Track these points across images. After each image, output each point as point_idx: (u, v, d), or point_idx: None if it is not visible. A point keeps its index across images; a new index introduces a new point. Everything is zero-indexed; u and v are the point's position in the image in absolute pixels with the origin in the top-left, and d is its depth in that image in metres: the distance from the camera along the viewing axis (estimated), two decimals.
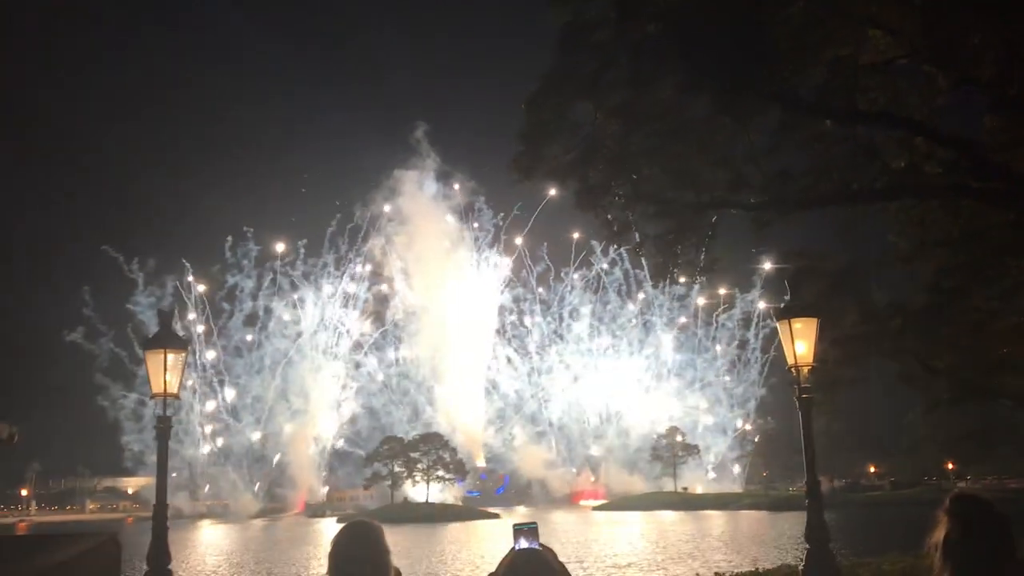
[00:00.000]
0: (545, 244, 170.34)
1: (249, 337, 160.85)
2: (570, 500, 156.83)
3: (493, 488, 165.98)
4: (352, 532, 3.84)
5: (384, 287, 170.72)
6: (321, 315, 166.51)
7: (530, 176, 14.73)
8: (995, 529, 2.65)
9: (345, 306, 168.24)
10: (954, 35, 12.69)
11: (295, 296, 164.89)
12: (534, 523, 3.66)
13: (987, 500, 2.75)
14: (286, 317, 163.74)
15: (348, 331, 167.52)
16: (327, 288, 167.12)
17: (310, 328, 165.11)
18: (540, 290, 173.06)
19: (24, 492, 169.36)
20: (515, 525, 3.64)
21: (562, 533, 68.32)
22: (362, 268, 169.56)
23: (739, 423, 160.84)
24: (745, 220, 14.96)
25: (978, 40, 12.73)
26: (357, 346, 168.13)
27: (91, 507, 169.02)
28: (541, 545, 3.59)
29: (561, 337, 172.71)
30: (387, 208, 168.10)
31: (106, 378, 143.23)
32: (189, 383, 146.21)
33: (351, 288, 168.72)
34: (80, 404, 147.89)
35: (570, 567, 3.83)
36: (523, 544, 3.56)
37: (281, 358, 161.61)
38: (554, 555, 3.52)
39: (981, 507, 2.71)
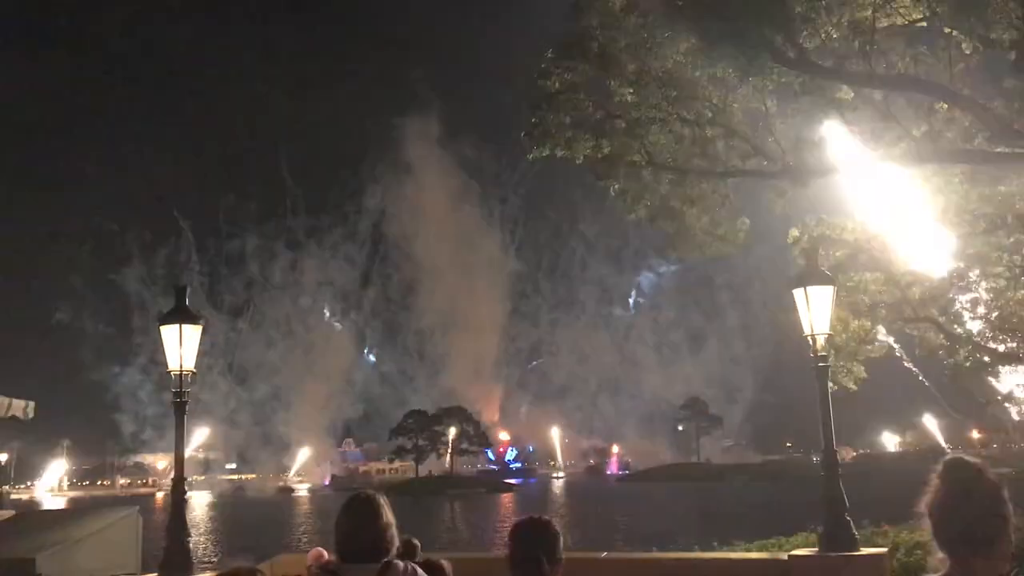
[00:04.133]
0: (548, 205, 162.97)
1: (251, 302, 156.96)
2: (596, 471, 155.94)
3: (525, 459, 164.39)
4: (355, 504, 3.91)
5: (390, 245, 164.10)
6: (326, 277, 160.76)
7: (542, 146, 14.65)
8: (986, 494, 2.63)
9: (352, 267, 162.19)
10: None
11: (298, 257, 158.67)
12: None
13: (979, 465, 2.73)
14: (289, 280, 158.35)
15: (354, 293, 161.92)
16: (330, 247, 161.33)
17: (314, 290, 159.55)
18: (546, 253, 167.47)
19: (57, 468, 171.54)
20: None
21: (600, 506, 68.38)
22: (366, 225, 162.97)
23: (752, 391, 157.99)
24: (761, 188, 14.84)
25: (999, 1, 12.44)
26: (364, 310, 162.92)
27: (121, 483, 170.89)
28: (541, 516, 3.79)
29: (570, 302, 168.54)
30: (390, 158, 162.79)
31: (95, 354, 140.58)
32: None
33: (356, 247, 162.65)
34: (95, 381, 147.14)
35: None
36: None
37: (285, 323, 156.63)
38: (552, 524, 3.77)
39: (972, 472, 2.69)
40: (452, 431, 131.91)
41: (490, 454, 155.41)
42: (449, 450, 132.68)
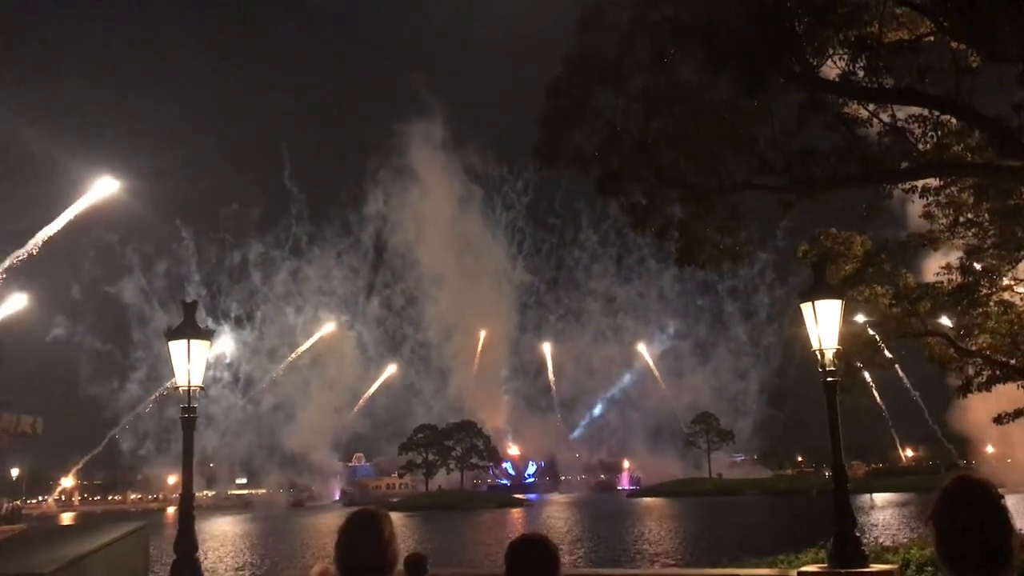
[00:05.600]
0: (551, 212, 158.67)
1: (254, 313, 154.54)
2: (608, 487, 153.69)
3: (540, 474, 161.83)
4: (356, 521, 3.88)
5: (393, 254, 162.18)
6: (329, 286, 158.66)
7: (552, 163, 14.68)
8: (990, 514, 2.62)
9: (355, 276, 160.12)
10: (983, 10, 12.36)
11: (300, 266, 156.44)
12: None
13: (985, 484, 2.71)
14: (292, 290, 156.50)
15: (357, 303, 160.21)
16: (334, 256, 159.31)
17: (317, 300, 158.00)
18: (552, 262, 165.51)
19: (68, 483, 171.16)
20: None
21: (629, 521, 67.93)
22: (369, 233, 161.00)
23: (761, 404, 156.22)
24: (770, 202, 14.81)
25: (1008, 14, 12.40)
26: (368, 320, 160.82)
27: (133, 497, 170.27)
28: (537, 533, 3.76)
29: (577, 313, 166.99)
30: (392, 165, 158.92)
31: (94, 368, 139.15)
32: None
33: (359, 256, 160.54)
34: (94, 396, 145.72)
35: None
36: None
37: (289, 335, 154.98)
38: (550, 542, 3.68)
39: (978, 492, 2.67)
40: (461, 446, 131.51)
41: (509, 468, 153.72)
42: (461, 465, 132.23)
